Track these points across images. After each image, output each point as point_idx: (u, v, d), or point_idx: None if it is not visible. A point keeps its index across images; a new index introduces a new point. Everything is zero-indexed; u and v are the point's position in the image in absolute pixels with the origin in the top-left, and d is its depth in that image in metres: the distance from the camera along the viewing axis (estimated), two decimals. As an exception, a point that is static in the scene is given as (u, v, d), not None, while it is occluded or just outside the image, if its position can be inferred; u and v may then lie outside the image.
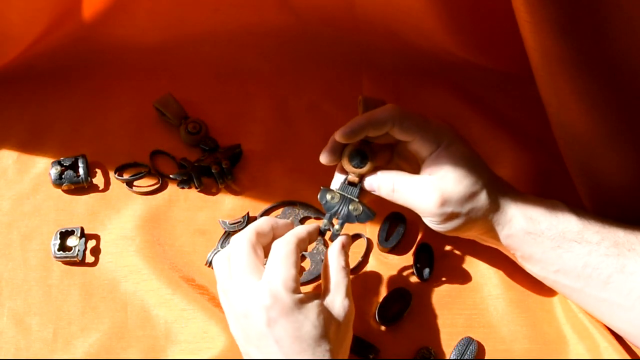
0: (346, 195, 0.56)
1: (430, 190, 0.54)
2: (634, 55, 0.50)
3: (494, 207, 0.55)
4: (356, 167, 0.56)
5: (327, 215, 0.56)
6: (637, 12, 0.47)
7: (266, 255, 0.54)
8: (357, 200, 0.56)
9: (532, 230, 0.55)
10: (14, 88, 0.74)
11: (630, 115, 0.54)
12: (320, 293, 0.53)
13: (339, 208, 0.56)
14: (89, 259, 0.64)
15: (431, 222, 0.55)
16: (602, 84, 0.51)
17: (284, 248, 0.51)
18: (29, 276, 0.63)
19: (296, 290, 0.50)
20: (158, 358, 0.59)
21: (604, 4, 0.46)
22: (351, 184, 0.56)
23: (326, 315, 0.50)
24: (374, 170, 0.56)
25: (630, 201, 0.59)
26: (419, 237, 0.66)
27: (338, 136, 0.54)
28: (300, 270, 0.64)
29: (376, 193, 0.56)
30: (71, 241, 0.63)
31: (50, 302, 0.61)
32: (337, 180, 0.57)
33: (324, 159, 0.56)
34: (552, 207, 0.56)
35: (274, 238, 0.54)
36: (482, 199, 0.54)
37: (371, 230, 0.66)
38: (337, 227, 0.56)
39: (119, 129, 0.72)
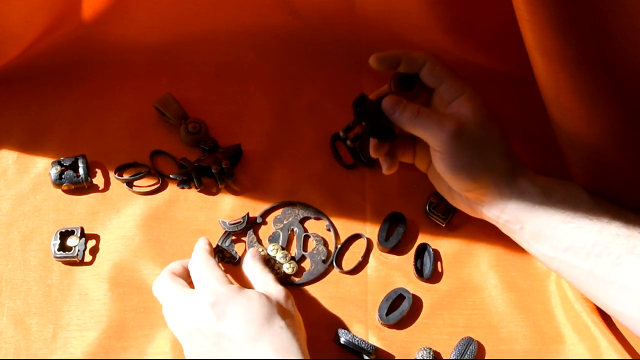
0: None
1: (450, 119, 0.57)
2: (634, 54, 0.50)
3: (508, 163, 0.57)
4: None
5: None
6: (638, 9, 0.47)
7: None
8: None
9: (544, 200, 0.55)
10: (14, 88, 0.74)
11: (630, 114, 0.54)
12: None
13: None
14: (89, 259, 0.64)
15: (444, 156, 0.57)
16: (603, 83, 0.51)
17: (198, 260, 0.57)
18: (29, 276, 0.63)
19: (230, 284, 0.54)
20: (158, 358, 0.59)
21: (605, 2, 0.46)
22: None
23: (267, 297, 0.54)
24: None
25: (632, 201, 0.59)
26: (419, 237, 0.66)
27: (372, 59, 0.59)
28: (300, 270, 0.64)
29: (396, 116, 0.58)
30: (71, 241, 0.63)
31: (50, 302, 0.61)
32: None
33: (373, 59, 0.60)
34: (563, 183, 0.58)
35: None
36: (497, 147, 0.57)
37: (371, 230, 0.66)
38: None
39: (119, 129, 0.71)
